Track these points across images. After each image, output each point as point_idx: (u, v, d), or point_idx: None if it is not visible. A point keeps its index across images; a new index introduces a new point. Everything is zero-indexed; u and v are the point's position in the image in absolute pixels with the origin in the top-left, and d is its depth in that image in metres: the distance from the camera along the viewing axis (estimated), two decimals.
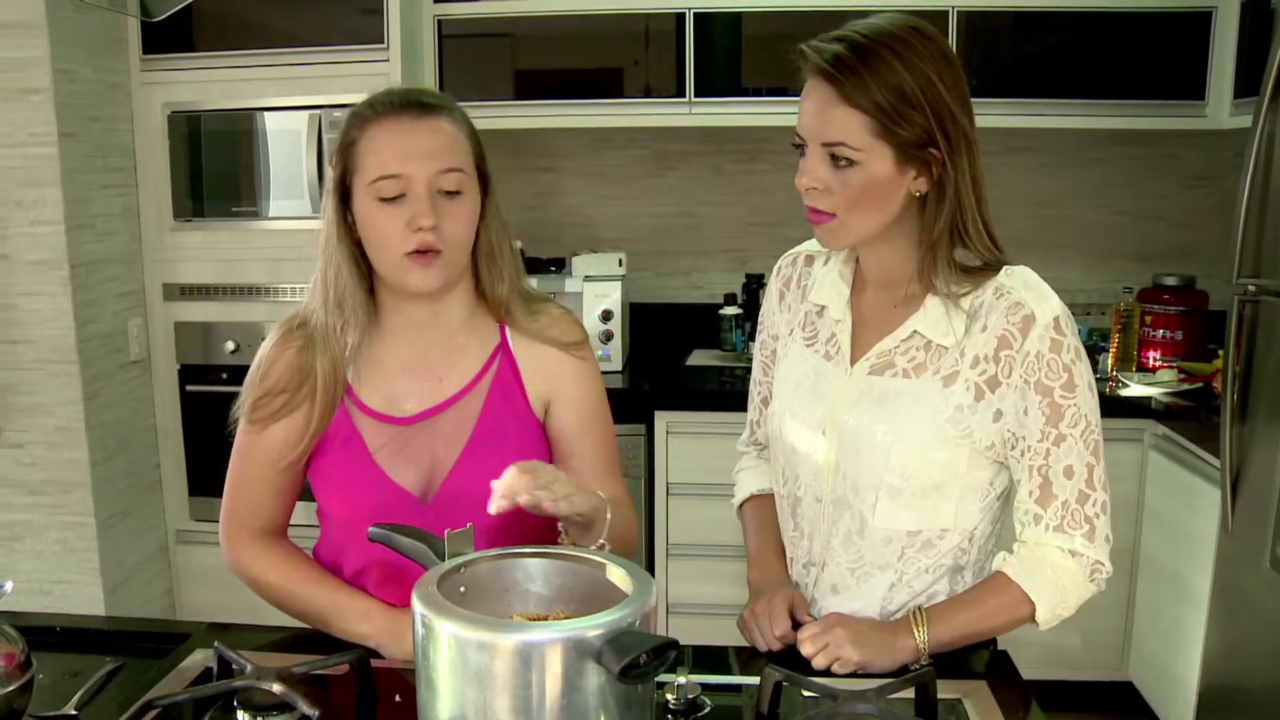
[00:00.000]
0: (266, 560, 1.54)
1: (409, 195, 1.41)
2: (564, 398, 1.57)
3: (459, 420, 1.52)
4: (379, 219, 1.42)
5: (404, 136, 1.42)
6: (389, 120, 1.43)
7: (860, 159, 1.31)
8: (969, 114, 1.34)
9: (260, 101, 3.14)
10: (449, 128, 1.45)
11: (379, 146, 1.42)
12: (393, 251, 1.42)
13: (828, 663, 1.34)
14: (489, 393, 1.53)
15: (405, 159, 1.41)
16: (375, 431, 1.51)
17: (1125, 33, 3.14)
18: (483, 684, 0.96)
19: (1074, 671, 3.14)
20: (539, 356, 1.56)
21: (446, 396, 1.52)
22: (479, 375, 1.54)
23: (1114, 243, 3.63)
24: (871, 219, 1.36)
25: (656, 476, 3.17)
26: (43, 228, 2.86)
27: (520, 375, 1.55)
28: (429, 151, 1.42)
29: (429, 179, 1.41)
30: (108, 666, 1.41)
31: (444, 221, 1.41)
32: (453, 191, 1.43)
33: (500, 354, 1.55)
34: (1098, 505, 1.37)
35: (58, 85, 2.83)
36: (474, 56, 3.37)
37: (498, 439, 1.51)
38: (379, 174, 1.41)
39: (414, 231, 1.40)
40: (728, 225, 3.74)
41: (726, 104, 3.26)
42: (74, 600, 3.01)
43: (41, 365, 2.93)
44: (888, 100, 1.28)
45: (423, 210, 1.40)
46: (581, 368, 1.59)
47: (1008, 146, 3.57)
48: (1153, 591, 2.99)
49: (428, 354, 1.53)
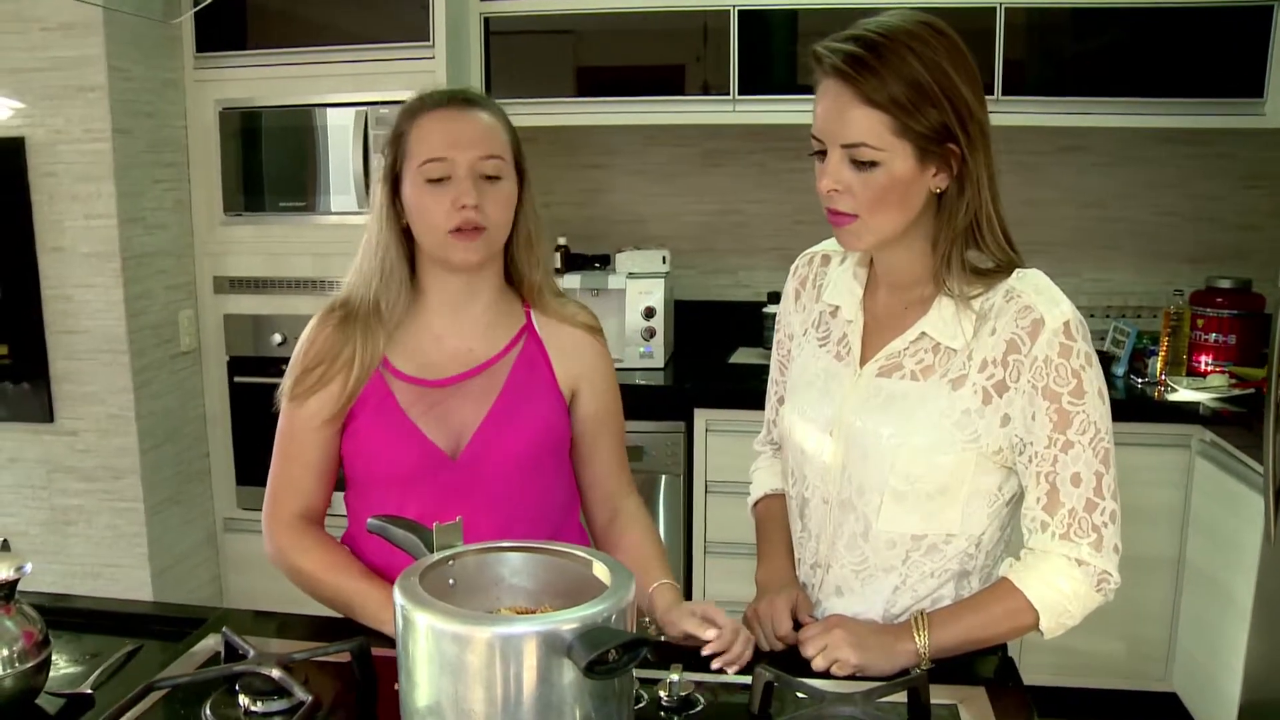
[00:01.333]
0: (301, 546, 1.60)
1: (453, 178, 1.52)
2: (591, 385, 1.68)
3: (486, 386, 1.61)
4: (426, 199, 1.54)
5: (450, 124, 1.55)
6: (437, 111, 1.57)
7: (882, 159, 1.30)
8: (984, 108, 1.33)
9: (309, 98, 3.20)
10: (489, 119, 1.58)
11: (426, 134, 1.55)
12: (439, 229, 1.54)
13: (827, 664, 1.33)
14: (515, 363, 1.64)
15: (450, 144, 1.53)
16: (407, 393, 1.60)
17: (1180, 28, 3.07)
18: (458, 675, 0.97)
19: (1117, 680, 3.09)
20: (565, 339, 1.67)
21: (476, 364, 1.62)
22: (507, 348, 1.64)
23: (1167, 244, 3.55)
24: (894, 218, 1.35)
25: (695, 474, 3.17)
26: (96, 221, 2.94)
27: (547, 354, 1.66)
28: (472, 139, 1.54)
29: (471, 163, 1.53)
30: (126, 648, 1.45)
31: (484, 202, 1.53)
32: (493, 176, 1.55)
33: (526, 333, 1.66)
34: (1106, 514, 1.35)
35: (112, 82, 2.91)
36: (521, 53, 3.40)
37: (522, 405, 1.61)
38: (426, 157, 1.53)
39: (458, 210, 1.51)
40: (774, 223, 3.73)
41: (771, 101, 3.25)
42: (123, 584, 3.09)
43: (95, 355, 3.01)
44: (905, 95, 1.27)
45: (466, 190, 1.52)
46: (604, 356, 1.71)
47: (1058, 146, 3.51)
48: (1198, 601, 2.92)
49: (460, 325, 1.63)
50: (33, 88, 2.92)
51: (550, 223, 3.84)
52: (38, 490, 3.11)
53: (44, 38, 2.89)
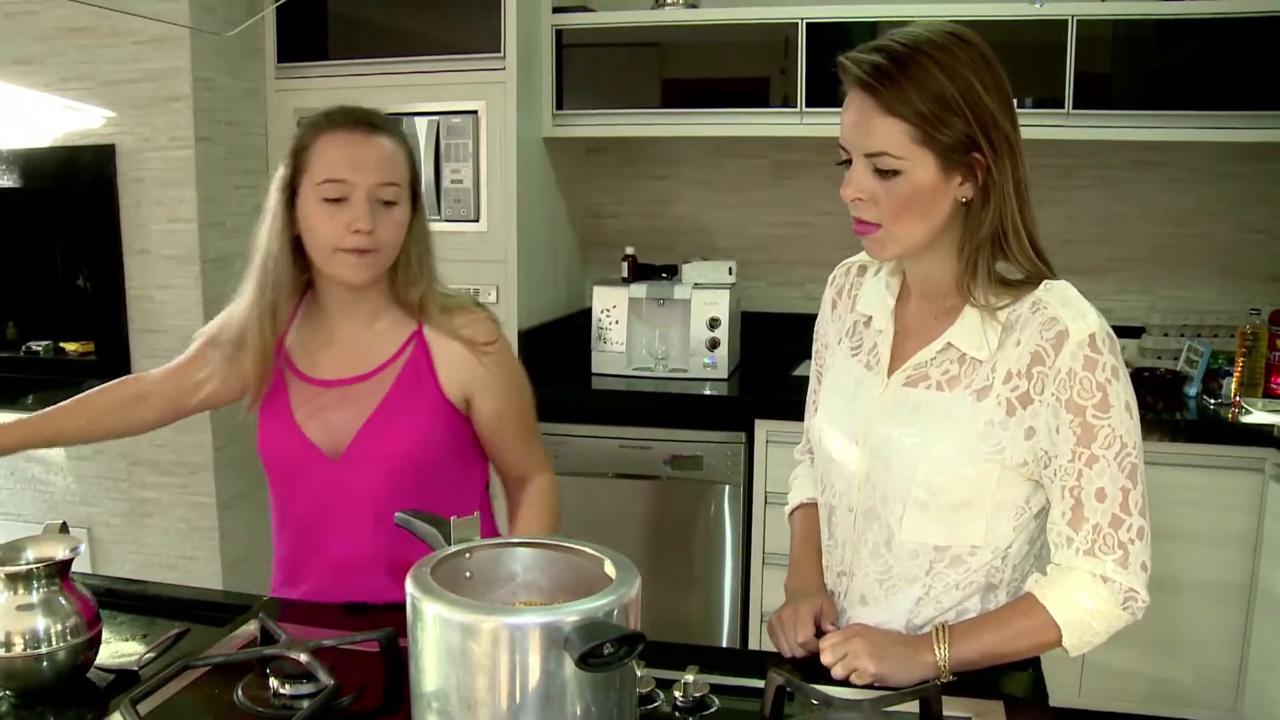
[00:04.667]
0: None
1: (350, 200, 1.59)
2: (481, 390, 1.74)
3: (371, 392, 1.70)
4: (320, 217, 1.60)
5: (353, 148, 1.61)
6: (342, 132, 1.62)
7: (904, 168, 1.31)
8: (1012, 118, 1.33)
9: (384, 106, 3.21)
10: (392, 146, 1.65)
11: (329, 153, 1.61)
12: (329, 246, 1.61)
13: (846, 673, 1.34)
14: (401, 372, 1.71)
15: (351, 167, 1.59)
16: (300, 391, 1.71)
17: (1260, 40, 2.99)
18: (462, 664, 1.00)
19: (1184, 709, 3.01)
20: (452, 351, 1.72)
21: (363, 371, 1.71)
22: (393, 357, 1.71)
23: (1247, 262, 3.46)
24: (917, 228, 1.35)
25: (755, 485, 3.17)
26: (178, 225, 3.06)
27: (434, 363, 1.72)
28: (373, 164, 1.61)
29: (370, 188, 1.60)
30: (175, 630, 1.52)
31: (379, 227, 1.61)
32: (389, 202, 1.62)
33: (414, 342, 1.72)
34: (1133, 531, 1.32)
35: (196, 93, 3.03)
36: (591, 65, 3.44)
37: (402, 414, 1.69)
38: (326, 176, 1.59)
39: (352, 233, 1.59)
40: (842, 236, 3.70)
41: (838, 114, 3.23)
42: (196, 575, 3.20)
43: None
44: (928, 107, 1.28)
45: (362, 215, 1.59)
46: (491, 362, 1.74)
47: (1137, 161, 3.45)
48: (1271, 629, 2.83)
49: (351, 332, 1.72)
50: (124, 98, 3.06)
51: (617, 233, 3.89)
52: (119, 482, 3.24)
53: (136, 50, 3.02)
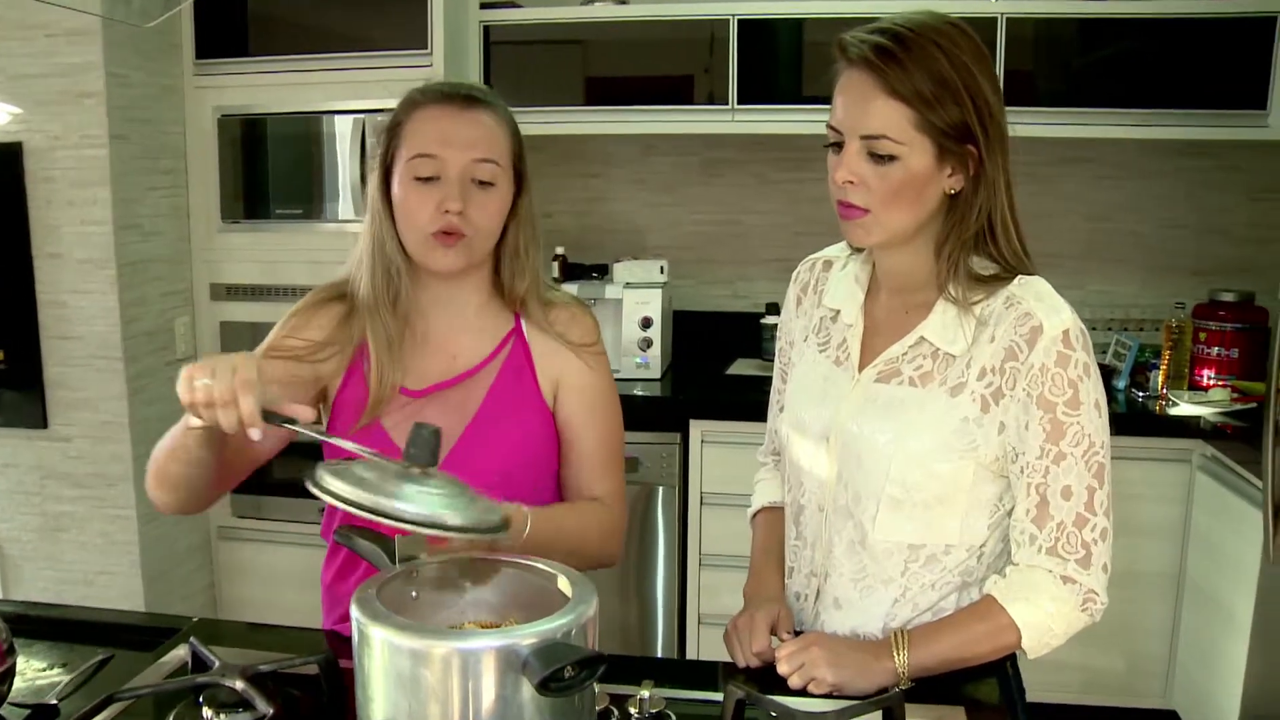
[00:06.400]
0: None
1: (442, 178, 1.47)
2: (571, 385, 1.61)
3: (467, 397, 1.56)
4: (411, 196, 1.48)
5: (446, 122, 1.49)
6: (435, 106, 1.50)
7: (901, 153, 1.29)
8: (1004, 112, 1.33)
9: (307, 105, 3.19)
10: (490, 121, 1.51)
11: (421, 128, 1.49)
12: (420, 230, 1.48)
13: (803, 682, 1.31)
14: (500, 373, 1.58)
15: (443, 143, 1.47)
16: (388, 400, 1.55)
17: (1186, 40, 3.04)
18: (413, 692, 0.95)
19: (1118, 698, 3.06)
20: (551, 345, 1.61)
21: (458, 373, 1.57)
22: (491, 355, 1.58)
23: (1172, 257, 3.51)
24: (905, 216, 1.33)
25: (691, 486, 3.14)
26: (91, 228, 2.94)
27: (533, 360, 1.60)
28: (467, 140, 1.48)
29: (463, 165, 1.47)
30: (97, 658, 1.43)
31: (471, 208, 1.47)
32: (485, 182, 1.49)
33: (514, 338, 1.60)
34: (1096, 531, 1.32)
35: (110, 89, 2.91)
36: (521, 62, 3.39)
37: (504, 417, 1.56)
38: (417, 152, 1.47)
39: (442, 213, 1.46)
40: (773, 234, 3.70)
41: (770, 111, 3.24)
42: (115, 592, 3.08)
43: (89, 361, 3.01)
44: (929, 90, 1.27)
45: (452, 194, 1.46)
46: (590, 362, 1.62)
47: (1064, 158, 3.49)
48: (1198, 618, 2.88)
49: (443, 331, 1.59)
50: (32, 93, 2.93)
51: (549, 232, 3.83)
52: (31, 496, 3.11)
53: (48, 44, 2.89)
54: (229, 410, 1.20)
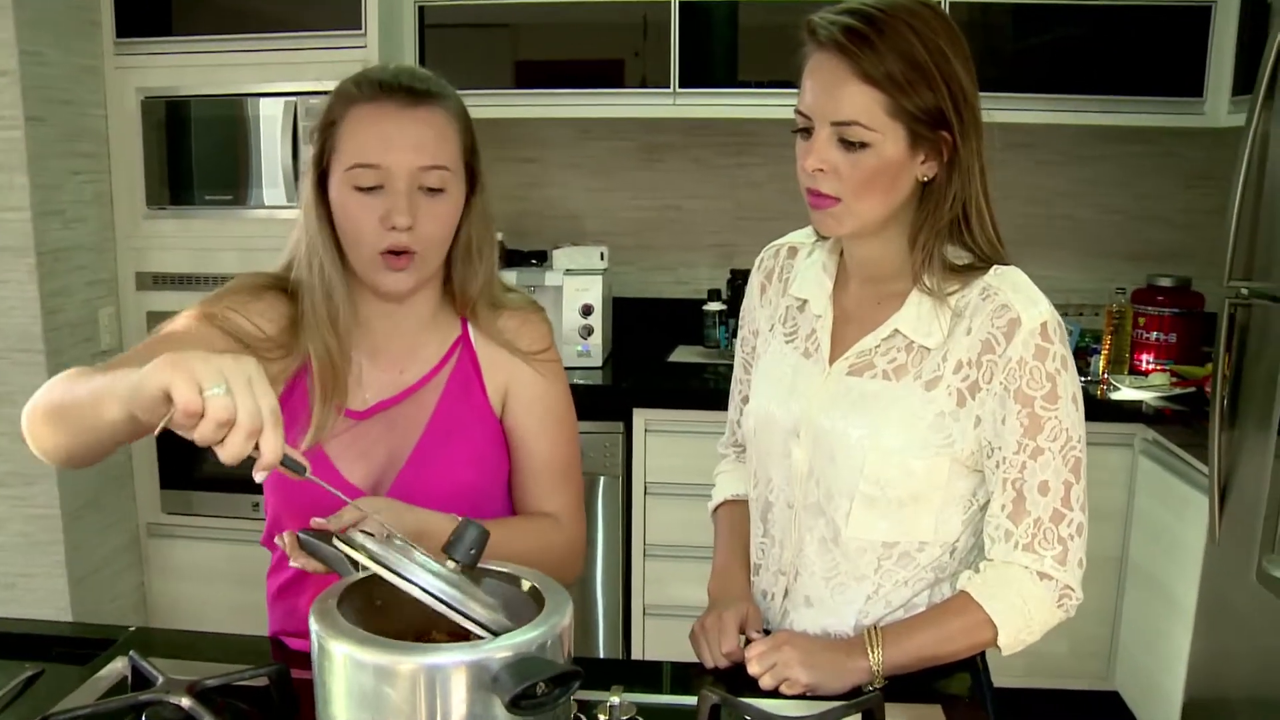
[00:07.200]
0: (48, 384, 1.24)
1: (387, 188, 1.32)
2: (520, 395, 1.52)
3: (414, 414, 1.46)
4: (353, 208, 1.34)
5: (388, 124, 1.33)
6: (374, 104, 1.34)
7: (873, 140, 1.24)
8: (978, 97, 1.29)
9: (236, 87, 3.08)
10: (438, 119, 1.36)
11: (360, 131, 1.33)
12: (366, 247, 1.35)
13: (775, 683, 1.27)
14: (446, 386, 1.47)
15: (386, 148, 1.32)
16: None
17: (1123, 27, 3.06)
18: (377, 709, 0.89)
19: (1060, 680, 3.08)
20: (500, 353, 1.50)
21: (404, 387, 1.46)
22: (438, 367, 1.48)
23: (1110, 242, 3.54)
24: (878, 204, 1.29)
25: (634, 475, 3.10)
26: (9, 214, 2.80)
27: (480, 369, 1.50)
28: (413, 144, 1.33)
29: (410, 173, 1.33)
30: (26, 673, 1.34)
31: (421, 218, 1.34)
32: (435, 189, 1.35)
33: (460, 346, 1.50)
34: (1073, 526, 1.29)
35: (24, 68, 2.76)
36: (456, 45, 3.30)
37: (453, 433, 1.46)
38: (356, 161, 1.32)
39: (388, 229, 1.32)
40: (714, 219, 3.66)
41: (712, 95, 3.19)
42: (38, 594, 2.95)
43: (8, 354, 2.87)
44: (903, 73, 1.22)
45: (399, 207, 1.32)
46: (541, 370, 1.53)
47: (1003, 143, 3.46)
48: (1140, 601, 2.92)
49: (390, 346, 1.47)
50: None
51: None
52: None
53: None
54: (247, 441, 0.95)
